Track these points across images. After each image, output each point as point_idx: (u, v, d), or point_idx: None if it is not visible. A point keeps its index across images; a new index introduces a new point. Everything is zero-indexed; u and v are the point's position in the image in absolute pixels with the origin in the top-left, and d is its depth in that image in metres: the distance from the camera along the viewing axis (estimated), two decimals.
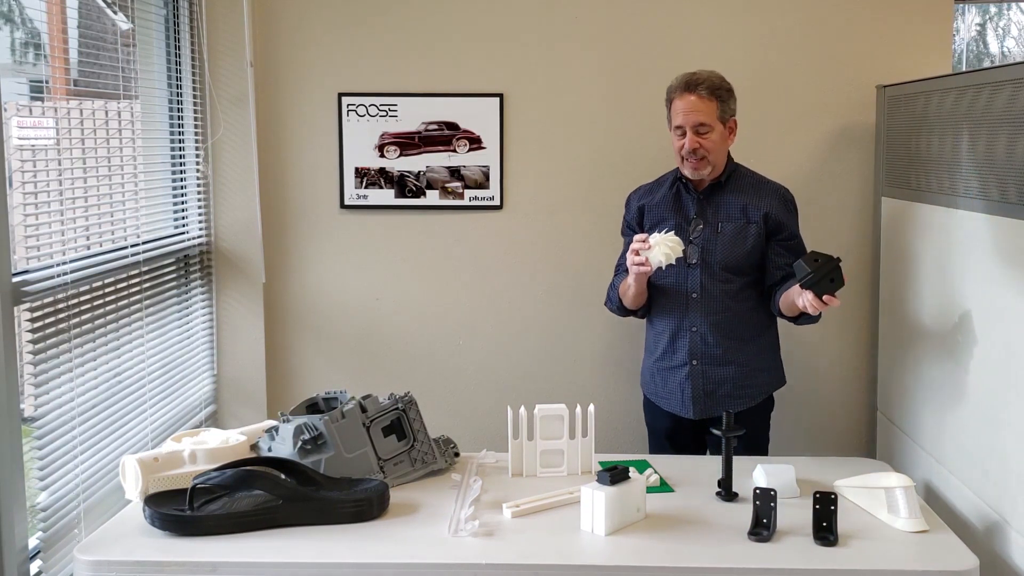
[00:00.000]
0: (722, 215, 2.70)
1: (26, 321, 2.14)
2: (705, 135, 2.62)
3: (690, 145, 2.62)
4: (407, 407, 2.40)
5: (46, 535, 2.17)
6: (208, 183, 3.19)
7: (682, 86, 2.65)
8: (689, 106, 2.62)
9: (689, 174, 2.68)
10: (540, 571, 1.95)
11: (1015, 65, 2.27)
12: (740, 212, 2.69)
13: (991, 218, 2.34)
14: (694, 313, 2.70)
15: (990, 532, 2.31)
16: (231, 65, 3.16)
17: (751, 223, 2.69)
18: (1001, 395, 2.28)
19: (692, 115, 2.62)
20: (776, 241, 2.70)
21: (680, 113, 2.63)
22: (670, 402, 2.76)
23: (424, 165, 3.32)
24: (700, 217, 2.70)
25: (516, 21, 3.27)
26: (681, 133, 2.64)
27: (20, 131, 2.26)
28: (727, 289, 2.69)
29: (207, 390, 3.20)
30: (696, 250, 2.68)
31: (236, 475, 2.10)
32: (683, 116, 2.63)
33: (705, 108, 2.62)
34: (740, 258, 2.68)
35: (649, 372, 2.83)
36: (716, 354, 2.69)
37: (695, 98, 2.62)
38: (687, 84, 2.64)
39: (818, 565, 1.95)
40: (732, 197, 2.71)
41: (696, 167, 2.65)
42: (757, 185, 2.75)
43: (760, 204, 2.70)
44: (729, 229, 2.68)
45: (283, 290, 3.38)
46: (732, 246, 2.68)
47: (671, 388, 2.74)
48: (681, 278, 2.70)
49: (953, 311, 2.55)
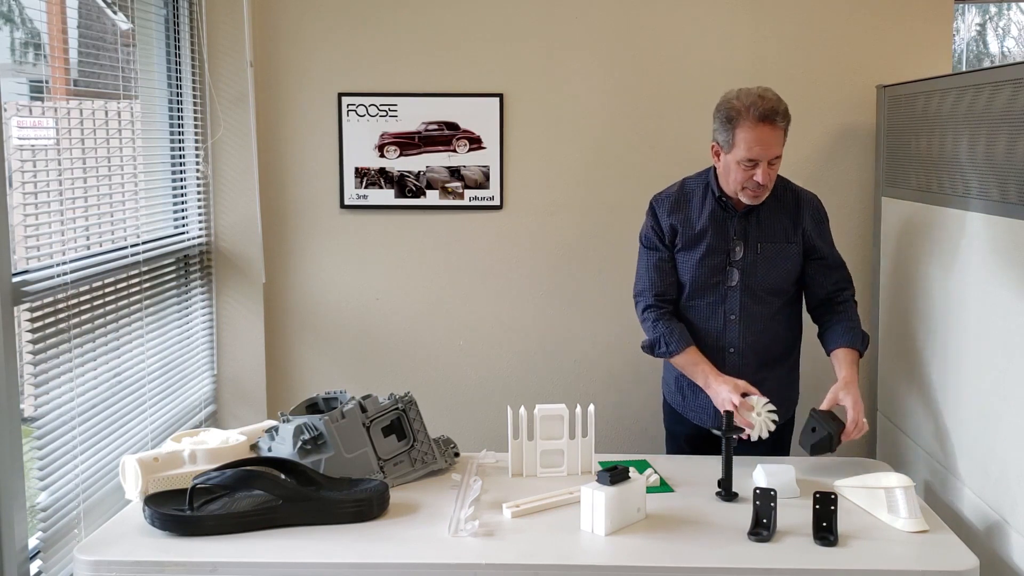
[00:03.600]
0: (763, 235, 2.57)
1: (26, 321, 2.14)
2: (775, 165, 2.45)
3: (763, 179, 2.42)
4: (407, 407, 2.40)
5: (46, 535, 2.17)
6: (208, 183, 3.19)
7: (757, 115, 2.39)
8: (767, 139, 2.40)
9: (746, 202, 2.50)
10: (540, 571, 1.95)
11: (1015, 65, 2.27)
12: (780, 232, 2.57)
13: (991, 218, 2.34)
14: (732, 334, 2.60)
15: (990, 532, 2.31)
16: (231, 65, 3.16)
17: (790, 243, 2.58)
18: (1001, 395, 2.28)
19: (771, 149, 2.41)
20: (813, 259, 2.62)
21: (756, 145, 2.40)
22: (700, 416, 2.68)
23: (424, 165, 3.32)
24: (740, 238, 2.56)
25: (516, 21, 3.27)
26: (751, 165, 2.42)
27: (20, 131, 2.26)
28: (766, 311, 2.60)
29: (207, 390, 3.20)
30: (735, 272, 2.57)
31: (236, 475, 2.10)
32: (760, 150, 2.40)
33: (780, 139, 2.43)
34: (780, 279, 2.59)
35: (676, 384, 2.72)
36: (748, 375, 2.54)
37: (773, 129, 2.40)
38: (764, 115, 2.39)
39: (818, 565, 1.95)
40: (772, 215, 2.57)
41: (757, 197, 2.48)
42: (794, 198, 2.61)
43: (797, 221, 2.58)
44: (770, 250, 2.57)
45: (283, 290, 3.38)
46: (773, 267, 2.57)
47: (702, 403, 2.65)
48: (719, 299, 2.59)
49: (953, 311, 2.55)
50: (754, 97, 2.41)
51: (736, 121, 2.42)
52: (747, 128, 2.40)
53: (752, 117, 2.39)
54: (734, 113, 2.43)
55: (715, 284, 2.59)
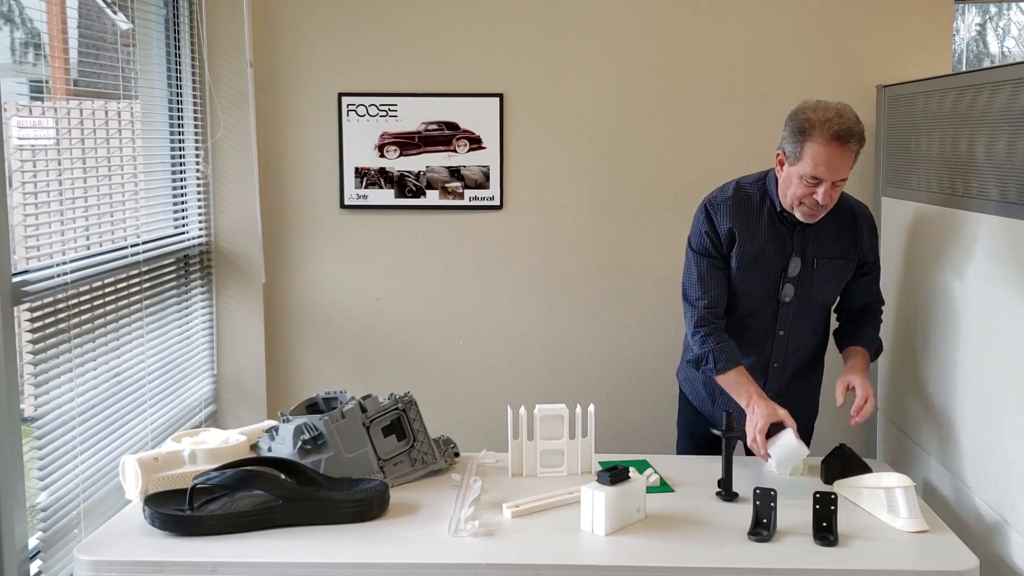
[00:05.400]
0: (819, 250, 2.49)
1: (26, 321, 2.14)
2: (838, 187, 2.36)
3: (824, 200, 2.32)
4: (407, 407, 2.40)
5: (46, 535, 2.17)
6: (208, 183, 3.19)
7: (831, 132, 2.27)
8: (836, 159, 2.29)
9: (801, 218, 2.41)
10: (540, 571, 1.95)
11: (1015, 65, 2.27)
12: (837, 248, 2.50)
13: (991, 218, 2.34)
14: (779, 350, 2.55)
15: (990, 532, 2.30)
16: (231, 65, 3.16)
17: (847, 259, 2.52)
18: (1001, 395, 2.28)
19: (838, 171, 2.31)
20: (861, 275, 2.59)
21: (823, 165, 2.29)
22: None
23: (424, 165, 3.32)
24: (798, 254, 2.47)
25: (516, 21, 3.27)
26: (814, 183, 2.32)
27: (20, 131, 2.26)
28: (810, 325, 2.57)
29: (207, 390, 3.20)
30: (791, 289, 2.49)
31: (236, 475, 2.10)
32: (827, 170, 2.29)
33: (850, 162, 2.33)
34: (831, 293, 2.56)
35: (705, 387, 2.65)
36: (783, 385, 2.56)
37: (844, 151, 2.30)
38: (838, 134, 2.27)
39: (818, 565, 1.95)
40: (829, 231, 2.48)
41: (814, 215, 2.39)
42: (850, 212, 2.52)
43: (856, 237, 2.52)
44: (826, 268, 2.50)
45: (283, 290, 3.38)
46: (826, 283, 2.52)
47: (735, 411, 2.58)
48: (771, 316, 2.53)
49: (953, 311, 2.55)
50: (832, 113, 2.30)
51: (808, 134, 2.30)
52: (818, 144, 2.29)
53: (825, 134, 2.28)
54: (808, 125, 2.31)
55: (769, 301, 2.52)
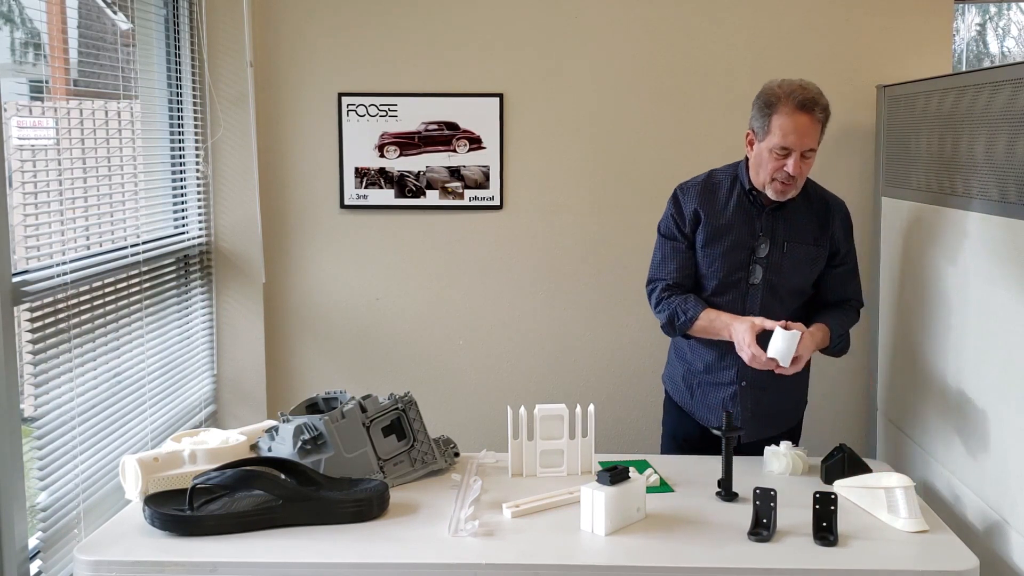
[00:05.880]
0: (789, 234, 2.52)
1: (26, 321, 2.14)
2: (808, 159, 2.41)
3: (794, 170, 2.38)
4: (407, 407, 2.40)
5: (46, 535, 2.17)
6: (208, 183, 3.19)
7: (796, 103, 2.35)
8: (804, 129, 2.36)
9: (774, 196, 2.45)
10: (540, 571, 1.95)
11: (1015, 65, 2.27)
12: (807, 232, 2.54)
13: (991, 218, 2.34)
14: None
15: (990, 532, 2.31)
16: (231, 65, 3.16)
17: (818, 245, 2.55)
18: (1001, 395, 2.28)
19: (807, 139, 2.37)
20: (832, 266, 2.60)
21: (792, 134, 2.35)
22: (708, 417, 2.64)
23: (424, 165, 3.32)
24: (766, 235, 2.51)
25: (516, 21, 3.27)
26: (784, 154, 2.38)
27: (20, 131, 2.26)
28: (784, 312, 2.53)
29: (207, 390, 3.20)
30: (759, 270, 2.52)
31: (236, 475, 2.10)
32: (796, 138, 2.36)
33: (817, 131, 2.39)
34: (803, 280, 2.56)
35: (684, 381, 2.67)
36: (765, 377, 2.51)
37: (811, 121, 2.36)
38: (803, 103, 2.35)
39: (818, 565, 1.95)
40: (800, 214, 2.53)
41: (785, 191, 2.43)
42: (822, 201, 2.58)
43: (827, 224, 2.56)
44: (796, 251, 2.53)
45: (283, 290, 3.38)
46: (797, 267, 2.54)
47: (712, 403, 2.62)
48: (739, 297, 2.54)
49: (953, 311, 2.55)
50: (795, 86, 2.39)
51: (774, 107, 2.38)
52: (784, 115, 2.36)
53: (791, 104, 2.36)
54: (773, 99, 2.39)
55: (737, 281, 2.54)
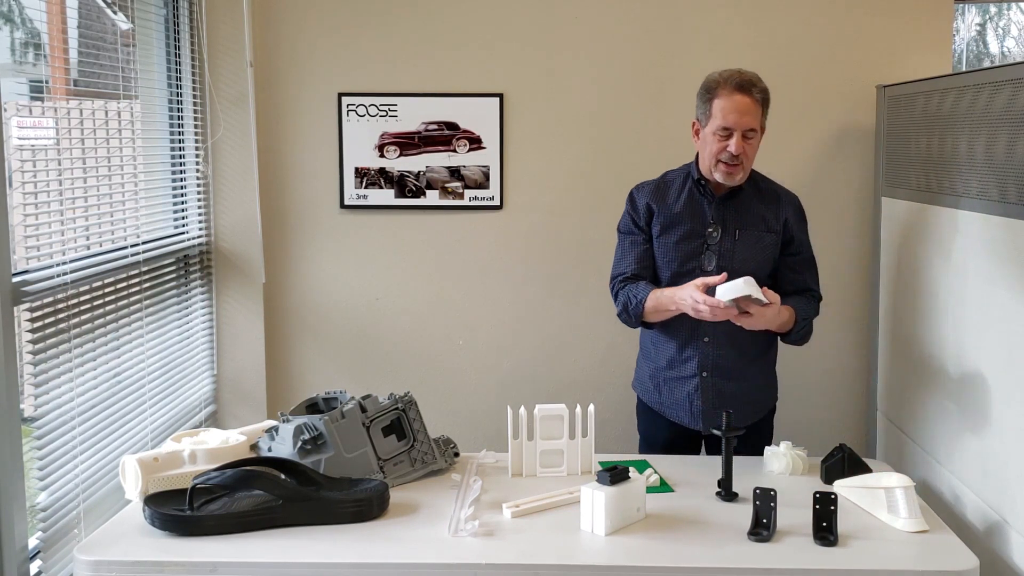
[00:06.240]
0: (740, 221, 2.57)
1: (26, 321, 2.14)
2: (751, 140, 2.48)
3: (736, 149, 2.45)
4: (407, 407, 2.40)
5: (46, 535, 2.17)
6: (208, 183, 3.19)
7: (734, 85, 2.46)
8: (742, 108, 2.45)
9: (721, 179, 2.51)
10: (540, 571, 1.95)
11: (1015, 65, 2.27)
12: (759, 219, 2.58)
13: (991, 218, 2.34)
14: (707, 323, 2.53)
15: (990, 532, 2.31)
16: (231, 65, 3.16)
17: (769, 232, 2.59)
18: (1001, 395, 2.28)
19: (745, 118, 2.45)
20: (787, 254, 2.63)
21: (731, 113, 2.45)
22: (677, 413, 2.67)
23: (424, 165, 3.32)
24: (717, 223, 2.57)
25: (516, 21, 3.27)
26: (726, 135, 2.47)
27: (20, 131, 2.26)
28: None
29: (207, 390, 3.20)
30: (713, 257, 2.56)
31: (236, 475, 2.10)
32: (735, 117, 2.45)
33: (756, 112, 2.47)
34: (756, 267, 2.56)
35: (651, 380, 2.71)
36: (727, 367, 2.58)
37: (749, 100, 2.46)
38: (741, 84, 2.46)
39: (818, 565, 1.95)
40: (750, 203, 2.59)
41: (732, 172, 2.49)
42: (773, 192, 2.63)
43: (779, 212, 2.60)
44: (747, 237, 2.57)
45: (283, 290, 3.38)
46: (751, 254, 2.57)
47: (678, 398, 2.65)
48: None
49: (953, 311, 2.55)
50: (733, 72, 2.50)
51: (714, 91, 2.49)
52: (723, 97, 2.47)
53: (729, 86, 2.47)
54: (713, 85, 2.51)
55: (692, 269, 2.57)
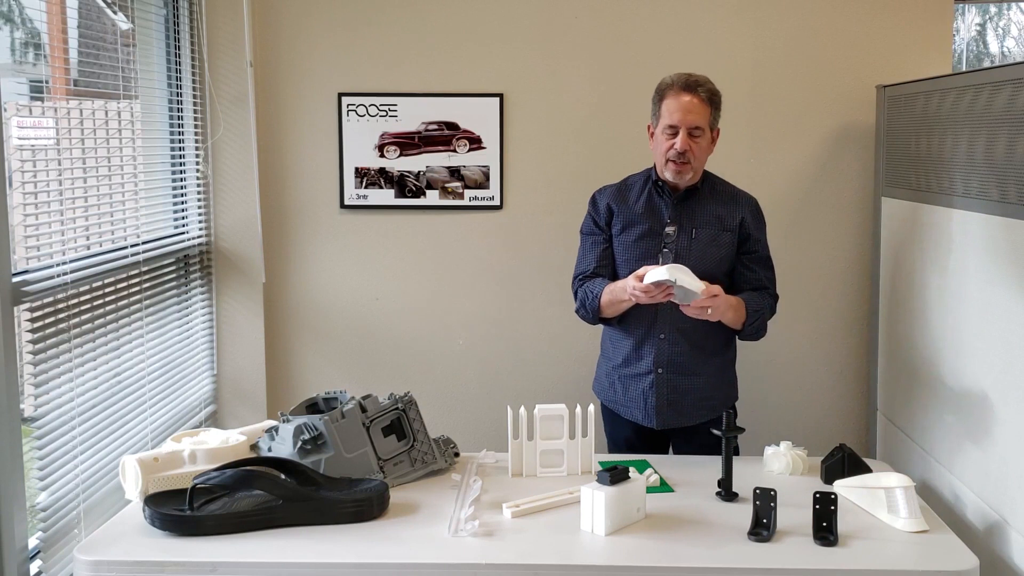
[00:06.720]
0: (697, 221, 2.62)
1: (26, 321, 2.14)
2: (697, 139, 2.55)
3: (681, 146, 2.53)
4: (407, 407, 2.40)
5: (46, 535, 2.17)
6: (208, 183, 3.19)
7: (681, 85, 2.56)
8: (687, 106, 2.54)
9: (671, 177, 2.59)
10: (540, 571, 1.95)
11: (1015, 65, 2.27)
12: (715, 219, 2.63)
13: (991, 218, 2.34)
14: (663, 320, 2.60)
15: (990, 532, 2.31)
16: (231, 65, 3.16)
17: (725, 231, 2.63)
18: (1001, 395, 2.28)
19: (689, 116, 2.54)
20: (744, 253, 2.66)
21: (677, 112, 2.54)
22: (631, 411, 2.69)
23: (424, 165, 3.32)
24: (674, 222, 2.62)
25: (516, 21, 3.27)
26: (672, 133, 2.55)
27: (20, 131, 2.26)
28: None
29: (207, 390, 3.20)
30: (670, 256, 2.59)
31: (236, 475, 2.10)
32: (680, 115, 2.54)
33: (702, 111, 2.55)
34: (713, 265, 2.60)
35: (608, 379, 2.74)
36: (682, 363, 2.62)
37: (695, 99, 2.54)
38: (686, 84, 2.56)
39: (818, 565, 1.95)
40: (707, 204, 2.64)
41: (681, 171, 2.56)
42: (730, 194, 2.69)
43: (735, 212, 2.64)
44: (703, 236, 2.61)
45: (283, 290, 3.38)
46: (706, 253, 2.61)
47: (633, 396, 2.67)
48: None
49: (953, 311, 2.55)
50: (682, 74, 2.59)
51: (663, 93, 2.59)
52: (671, 97, 2.57)
53: (676, 87, 2.57)
54: (663, 87, 2.61)
55: None
